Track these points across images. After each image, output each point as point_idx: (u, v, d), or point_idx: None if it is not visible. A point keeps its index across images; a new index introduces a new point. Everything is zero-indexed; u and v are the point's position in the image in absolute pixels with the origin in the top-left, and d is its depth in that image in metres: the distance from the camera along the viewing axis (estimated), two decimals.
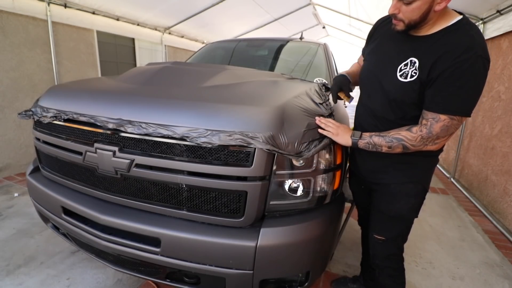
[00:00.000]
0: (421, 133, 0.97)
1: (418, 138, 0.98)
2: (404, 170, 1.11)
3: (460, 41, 0.89)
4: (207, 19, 4.99)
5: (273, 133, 0.98)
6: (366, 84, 1.17)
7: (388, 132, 1.03)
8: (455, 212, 2.71)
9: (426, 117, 0.96)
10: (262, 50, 2.59)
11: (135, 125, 1.05)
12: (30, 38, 3.03)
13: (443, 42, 0.92)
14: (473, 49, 0.87)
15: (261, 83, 1.43)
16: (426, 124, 0.96)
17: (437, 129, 0.94)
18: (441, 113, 0.93)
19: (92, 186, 1.26)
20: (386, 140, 1.02)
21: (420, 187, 1.12)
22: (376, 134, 1.06)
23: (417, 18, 0.92)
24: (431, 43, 0.95)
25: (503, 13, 2.54)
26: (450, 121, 0.93)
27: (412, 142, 0.99)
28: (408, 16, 0.93)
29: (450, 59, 0.88)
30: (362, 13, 5.13)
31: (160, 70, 1.50)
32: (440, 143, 0.99)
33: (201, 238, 1.05)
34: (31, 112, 1.34)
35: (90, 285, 1.57)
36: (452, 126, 0.94)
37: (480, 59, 0.87)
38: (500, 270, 1.89)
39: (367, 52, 1.22)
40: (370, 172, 1.21)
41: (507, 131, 2.51)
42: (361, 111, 1.21)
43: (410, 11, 0.92)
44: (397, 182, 1.13)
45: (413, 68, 0.97)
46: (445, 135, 0.96)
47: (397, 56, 1.03)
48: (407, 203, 1.13)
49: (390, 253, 1.23)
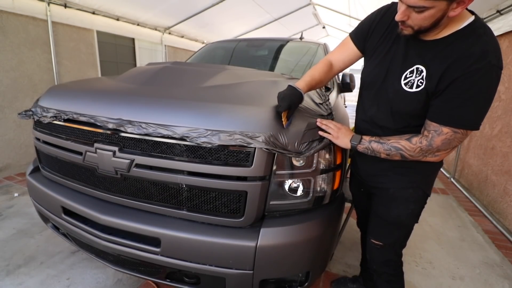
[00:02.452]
0: (421, 145, 0.92)
1: (417, 150, 0.93)
2: (404, 174, 1.07)
3: (473, 48, 0.81)
4: (207, 19, 4.99)
5: (273, 133, 0.98)
6: (368, 89, 1.09)
7: (388, 139, 0.99)
8: (455, 212, 2.71)
9: (428, 128, 0.91)
10: (262, 50, 2.59)
11: (135, 125, 1.05)
12: (30, 38, 3.03)
13: (453, 49, 0.84)
14: (486, 57, 0.79)
15: (261, 83, 1.43)
16: (427, 136, 0.91)
17: (438, 142, 0.89)
18: (444, 125, 0.87)
19: (92, 186, 1.26)
20: (385, 147, 0.98)
21: (421, 192, 1.08)
22: (375, 139, 1.01)
23: (428, 25, 0.84)
24: (440, 49, 0.86)
25: (503, 13, 2.53)
26: (453, 134, 0.87)
27: (410, 153, 0.95)
28: (418, 24, 0.84)
29: (461, 69, 0.81)
30: (362, 13, 5.14)
31: (160, 70, 1.50)
32: (441, 155, 0.94)
33: (201, 238, 1.05)
34: (31, 112, 1.34)
35: (90, 285, 1.57)
36: (455, 140, 0.88)
37: (494, 69, 0.80)
38: (500, 270, 1.89)
39: (369, 52, 1.10)
40: (369, 175, 1.18)
41: (507, 131, 2.51)
42: (362, 117, 1.15)
43: (421, 19, 0.83)
44: (396, 186, 1.09)
45: (420, 77, 0.90)
46: (447, 148, 0.91)
47: (402, 61, 0.95)
48: (406, 209, 1.09)
49: (388, 259, 1.20)
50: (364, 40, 1.10)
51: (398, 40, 0.98)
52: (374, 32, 1.07)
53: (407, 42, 0.95)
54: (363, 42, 1.11)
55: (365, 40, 1.10)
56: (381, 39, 1.04)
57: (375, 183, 1.16)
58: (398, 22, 0.89)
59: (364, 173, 1.21)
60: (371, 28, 1.08)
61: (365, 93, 1.12)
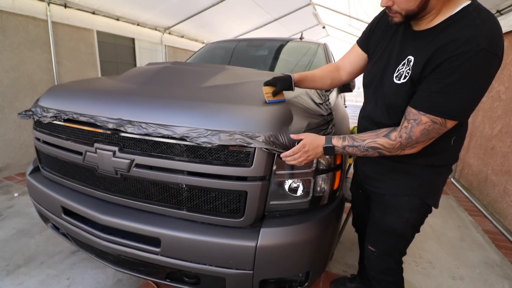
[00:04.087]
0: (401, 139, 0.87)
1: (397, 145, 0.88)
2: (399, 180, 1.02)
3: (461, 32, 0.75)
4: (207, 19, 4.99)
5: (273, 133, 0.98)
6: (368, 86, 1.08)
7: (363, 140, 0.93)
8: (455, 212, 2.71)
9: (408, 116, 0.86)
10: (262, 50, 2.59)
11: (135, 125, 1.05)
12: (30, 38, 3.03)
13: (443, 36, 0.79)
14: (475, 40, 0.72)
15: (261, 83, 1.43)
16: (406, 127, 0.86)
17: (417, 133, 0.84)
18: (424, 112, 0.81)
19: (92, 186, 1.26)
20: (361, 150, 0.94)
21: (418, 201, 1.00)
22: (349, 143, 0.95)
23: (415, 8, 0.80)
24: (432, 37, 0.82)
25: (503, 13, 2.53)
26: (431, 124, 0.82)
27: (389, 150, 0.90)
28: (404, 7, 0.81)
29: (446, 53, 0.76)
30: (362, 13, 5.14)
31: (160, 70, 1.50)
32: (419, 146, 0.89)
33: (201, 238, 1.05)
34: (31, 112, 1.34)
35: (90, 285, 1.57)
36: (433, 131, 0.83)
37: (483, 54, 0.72)
38: (500, 270, 1.89)
39: (371, 51, 1.09)
40: (367, 177, 1.15)
41: (507, 131, 2.51)
42: (361, 114, 1.14)
43: (404, 2, 0.80)
44: (390, 193, 1.04)
45: (408, 67, 0.86)
46: (425, 140, 0.86)
47: (397, 55, 0.93)
48: (400, 218, 1.03)
49: (386, 267, 1.15)
50: (367, 41, 1.10)
51: (396, 36, 0.97)
52: (375, 31, 1.06)
53: (403, 36, 0.93)
54: (366, 43, 1.11)
55: (367, 40, 1.10)
56: (380, 36, 1.03)
57: (371, 186, 1.13)
58: (385, 9, 0.87)
59: (362, 174, 1.19)
60: (371, 28, 1.08)
61: (366, 91, 1.10)
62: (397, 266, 1.17)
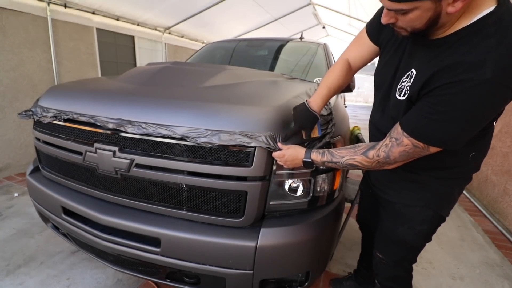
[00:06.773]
0: (378, 158, 0.83)
1: (374, 164, 0.85)
2: (411, 190, 0.97)
3: (468, 53, 0.64)
4: (207, 19, 4.99)
5: (273, 133, 0.98)
6: (377, 89, 1.01)
7: (342, 156, 0.90)
8: (455, 212, 2.71)
9: (392, 134, 0.81)
10: (262, 50, 2.59)
11: (135, 125, 1.05)
12: (30, 38, 3.03)
13: (451, 53, 0.68)
14: (481, 67, 0.61)
15: (261, 83, 1.43)
16: (387, 145, 0.81)
17: (396, 154, 0.80)
18: (406, 132, 0.76)
19: (92, 186, 1.26)
20: (340, 166, 0.92)
21: (430, 212, 0.96)
22: (328, 159, 0.93)
23: (422, 27, 0.70)
24: (440, 51, 0.72)
25: None
26: (412, 148, 0.76)
27: (367, 166, 0.88)
28: (408, 26, 0.72)
29: (446, 78, 0.67)
30: (362, 13, 5.14)
31: (160, 70, 1.50)
32: (398, 163, 0.85)
33: (201, 238, 1.05)
34: (31, 112, 1.34)
35: (90, 285, 1.57)
36: (413, 153, 0.79)
37: (488, 85, 0.61)
38: (500, 270, 1.89)
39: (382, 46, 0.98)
40: (378, 180, 1.11)
41: (507, 131, 2.51)
42: (370, 119, 1.09)
43: (408, 21, 0.70)
44: (402, 202, 0.99)
45: (409, 83, 0.80)
46: (404, 160, 0.82)
47: (404, 63, 0.85)
48: (412, 229, 0.99)
49: (395, 275, 1.11)
50: (378, 33, 0.98)
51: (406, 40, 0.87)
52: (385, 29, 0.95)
53: (415, 41, 0.83)
54: (378, 35, 0.98)
55: (379, 32, 0.97)
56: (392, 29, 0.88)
57: (383, 193, 1.09)
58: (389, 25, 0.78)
59: (374, 178, 1.16)
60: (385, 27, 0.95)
61: (375, 94, 1.03)
62: (406, 274, 1.13)
